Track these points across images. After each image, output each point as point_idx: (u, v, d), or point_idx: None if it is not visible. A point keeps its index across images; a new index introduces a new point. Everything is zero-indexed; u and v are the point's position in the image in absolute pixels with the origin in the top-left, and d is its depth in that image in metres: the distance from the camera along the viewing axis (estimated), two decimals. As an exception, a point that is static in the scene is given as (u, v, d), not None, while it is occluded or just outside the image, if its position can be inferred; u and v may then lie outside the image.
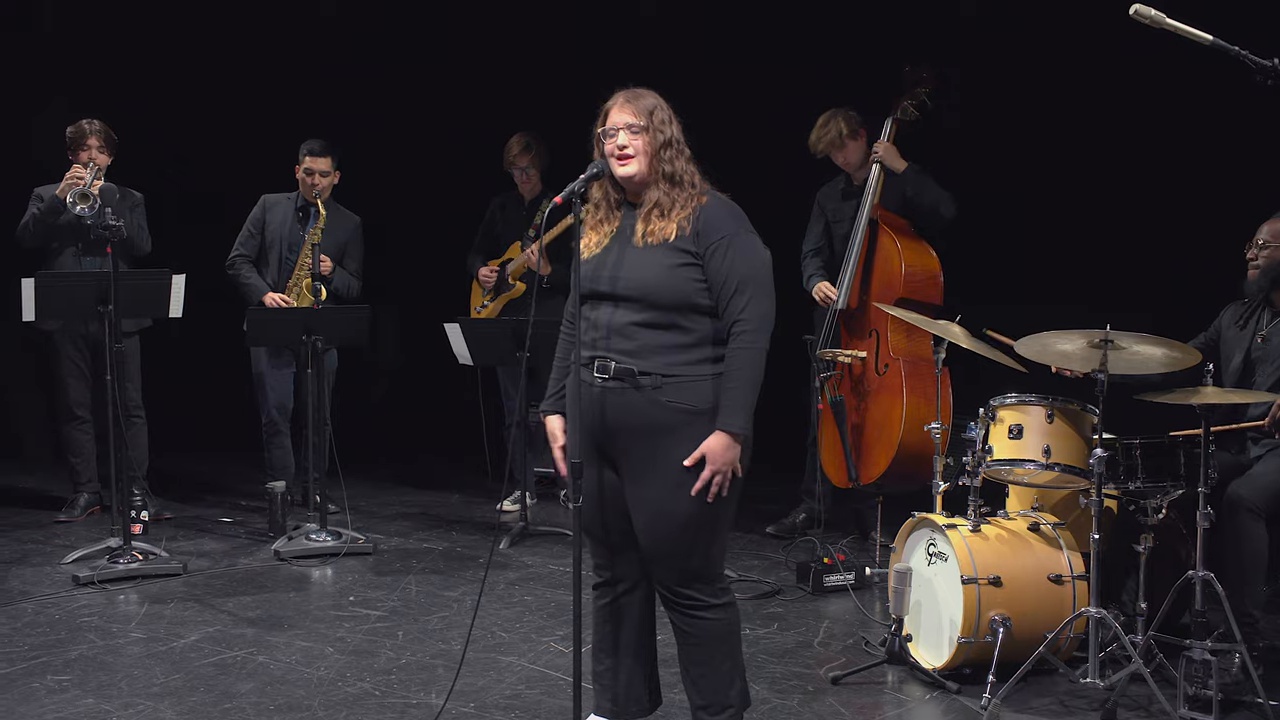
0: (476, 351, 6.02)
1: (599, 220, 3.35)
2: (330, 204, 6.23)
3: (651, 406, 3.19)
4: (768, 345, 3.22)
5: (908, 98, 5.59)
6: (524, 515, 6.08)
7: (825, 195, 5.92)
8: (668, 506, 3.21)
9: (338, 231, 6.26)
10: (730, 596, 3.36)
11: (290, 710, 3.91)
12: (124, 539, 5.36)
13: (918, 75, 5.58)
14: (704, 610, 3.29)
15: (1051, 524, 4.33)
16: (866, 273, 5.58)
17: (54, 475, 6.84)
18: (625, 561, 3.38)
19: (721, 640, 3.33)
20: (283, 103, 7.57)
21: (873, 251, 5.57)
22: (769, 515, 6.08)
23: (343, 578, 5.39)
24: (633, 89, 3.30)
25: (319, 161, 6.14)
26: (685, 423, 3.18)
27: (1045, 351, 4.16)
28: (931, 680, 4.16)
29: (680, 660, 3.40)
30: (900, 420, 5.31)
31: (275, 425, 6.33)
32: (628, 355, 3.21)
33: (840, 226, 5.80)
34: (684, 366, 3.20)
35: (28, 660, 4.33)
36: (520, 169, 6.43)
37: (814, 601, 5.06)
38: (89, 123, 5.98)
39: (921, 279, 5.48)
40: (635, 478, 3.25)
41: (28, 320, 5.60)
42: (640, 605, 3.44)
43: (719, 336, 3.23)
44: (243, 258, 6.26)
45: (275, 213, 6.27)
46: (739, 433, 3.18)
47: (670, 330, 3.20)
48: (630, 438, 3.23)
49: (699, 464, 3.17)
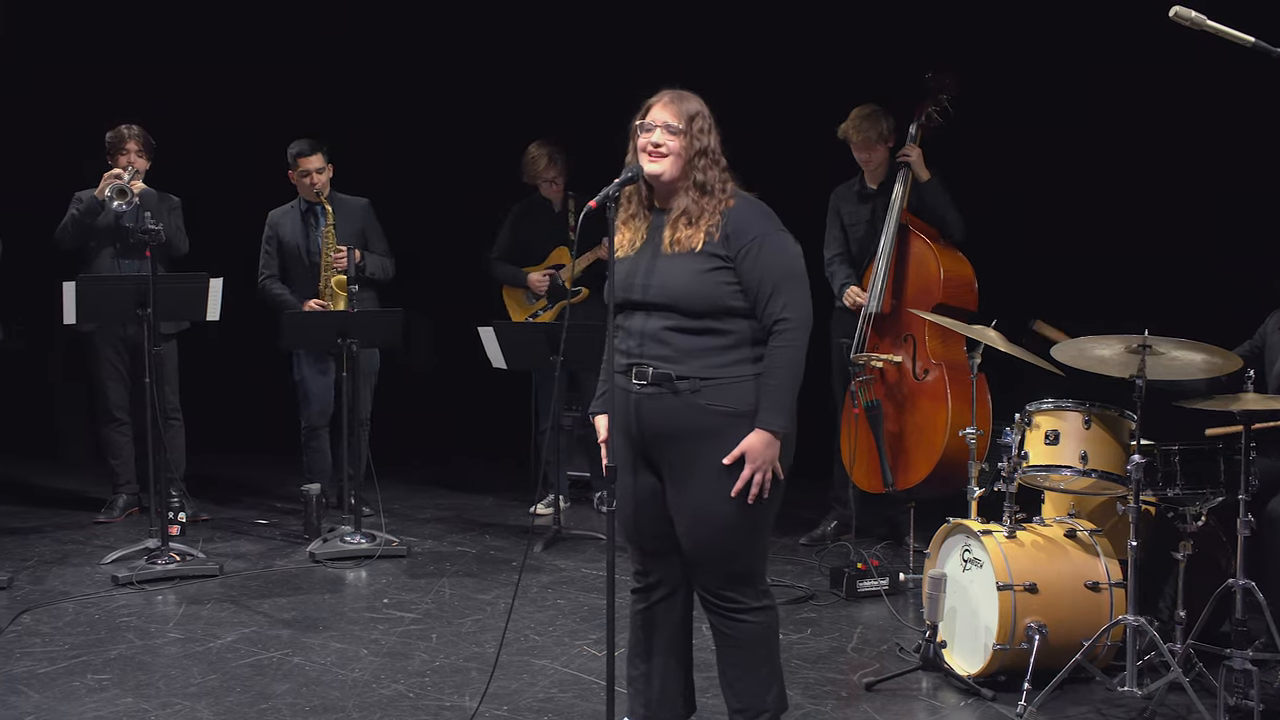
0: (510, 355, 6.03)
1: (629, 216, 3.34)
2: (334, 196, 6.22)
3: (691, 410, 3.19)
4: (807, 344, 3.21)
5: (931, 104, 5.57)
6: (557, 519, 6.09)
7: (840, 197, 5.87)
8: (710, 509, 3.20)
9: (351, 220, 6.26)
10: (771, 600, 3.36)
11: (325, 711, 3.93)
12: (162, 540, 5.41)
13: (940, 81, 5.56)
14: (745, 613, 3.29)
15: (1088, 530, 4.29)
16: (899, 277, 5.56)
17: (93, 477, 6.90)
18: (663, 567, 3.38)
19: (761, 643, 3.32)
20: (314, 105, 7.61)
21: (904, 256, 5.54)
22: (801, 521, 6.06)
23: (377, 580, 5.41)
24: (679, 90, 3.30)
25: (311, 160, 6.14)
26: (726, 425, 3.17)
27: (1082, 356, 4.13)
28: (966, 687, 4.14)
29: (719, 664, 3.40)
30: (945, 426, 5.27)
31: (315, 430, 6.37)
32: (664, 360, 3.21)
33: (856, 229, 5.77)
34: (722, 369, 3.19)
35: (68, 659, 4.38)
36: (548, 180, 6.43)
37: (847, 607, 5.04)
38: (127, 127, 6.04)
39: (959, 285, 5.46)
40: (677, 482, 3.25)
41: (68, 323, 5.66)
42: (677, 610, 3.43)
43: (757, 337, 3.22)
44: (270, 277, 6.30)
45: (284, 225, 6.28)
46: (779, 431, 3.17)
47: (706, 334, 3.20)
48: (671, 443, 3.23)
49: (738, 466, 3.16)
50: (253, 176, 7.34)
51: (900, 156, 5.56)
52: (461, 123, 7.83)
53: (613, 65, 6.95)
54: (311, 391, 6.32)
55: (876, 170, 5.71)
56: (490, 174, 7.20)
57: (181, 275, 5.84)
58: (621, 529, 3.36)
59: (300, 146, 6.16)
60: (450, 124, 7.87)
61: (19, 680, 4.17)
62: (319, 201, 6.16)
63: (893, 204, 5.55)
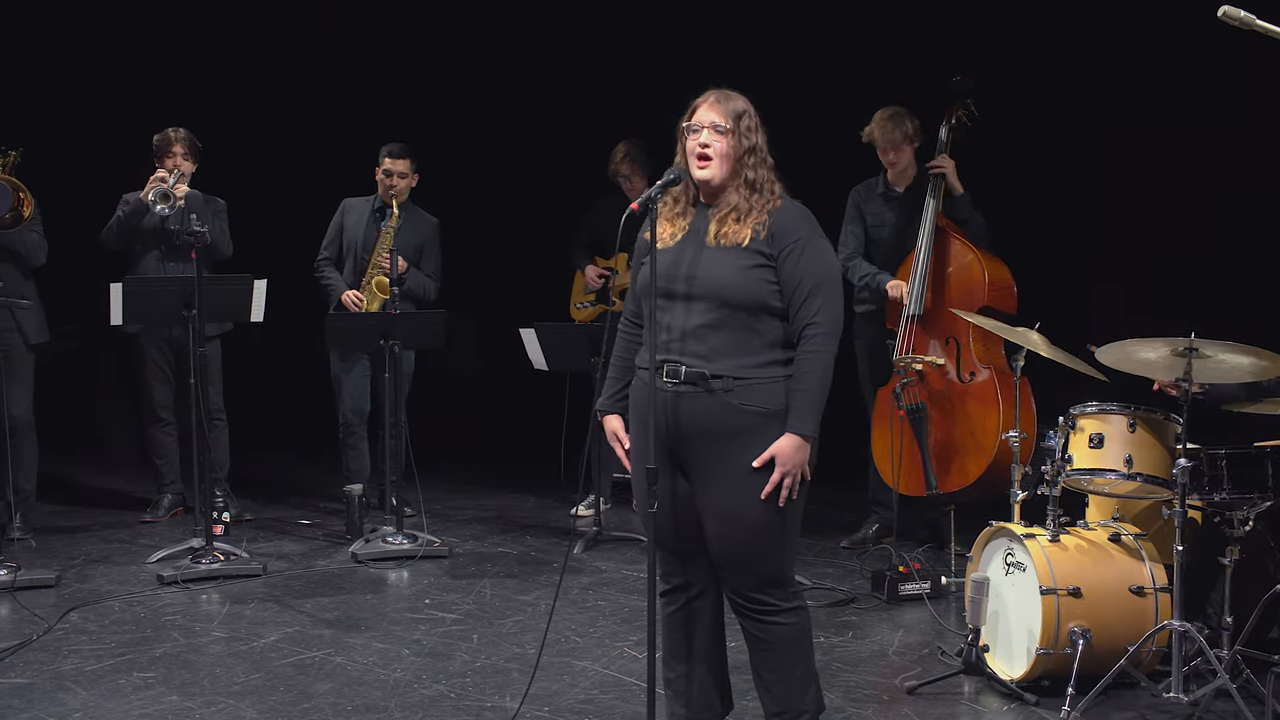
0: (552, 357, 6.05)
1: (675, 213, 3.34)
2: (408, 205, 6.30)
3: (723, 410, 3.19)
4: (837, 350, 3.22)
5: (959, 107, 5.53)
6: (598, 520, 6.10)
7: (861, 197, 5.80)
8: (738, 511, 3.20)
9: (415, 233, 6.33)
10: (801, 601, 3.35)
11: (368, 711, 3.96)
12: (206, 540, 5.46)
13: (967, 84, 5.52)
14: (775, 615, 3.28)
15: (1133, 535, 4.25)
16: (938, 280, 5.52)
17: (139, 476, 6.98)
18: (696, 567, 3.38)
19: (794, 645, 3.32)
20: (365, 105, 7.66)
21: (943, 259, 5.51)
22: (842, 524, 6.04)
23: (419, 580, 5.44)
24: (724, 90, 3.30)
25: (398, 163, 6.22)
26: (756, 425, 3.17)
27: (1127, 359, 4.09)
28: (1009, 691, 4.11)
29: (753, 667, 3.39)
30: (996, 429, 5.23)
31: (351, 428, 6.42)
32: (699, 359, 3.21)
33: (880, 231, 5.73)
34: (755, 369, 3.19)
35: (115, 657, 4.43)
36: (624, 176, 6.42)
37: (889, 610, 5.02)
38: (174, 130, 6.11)
39: (1001, 288, 5.43)
40: (705, 482, 3.25)
41: (115, 324, 5.73)
42: (711, 610, 3.43)
43: (788, 340, 3.22)
44: (325, 260, 6.39)
45: (353, 215, 6.37)
46: (809, 435, 3.17)
47: (741, 332, 3.20)
48: (701, 442, 3.22)
49: (768, 468, 3.16)
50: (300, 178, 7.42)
51: (932, 169, 5.51)
52: (511, 129, 7.85)
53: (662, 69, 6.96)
54: (345, 388, 6.37)
55: (904, 171, 5.67)
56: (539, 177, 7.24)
57: (226, 277, 5.90)
58: (658, 526, 3.36)
59: (391, 148, 6.25)
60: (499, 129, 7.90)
61: (66, 677, 4.23)
62: (391, 204, 6.21)
63: (927, 207, 5.51)
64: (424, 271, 6.36)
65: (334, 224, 6.41)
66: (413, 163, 6.26)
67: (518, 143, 7.81)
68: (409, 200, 6.31)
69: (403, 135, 6.38)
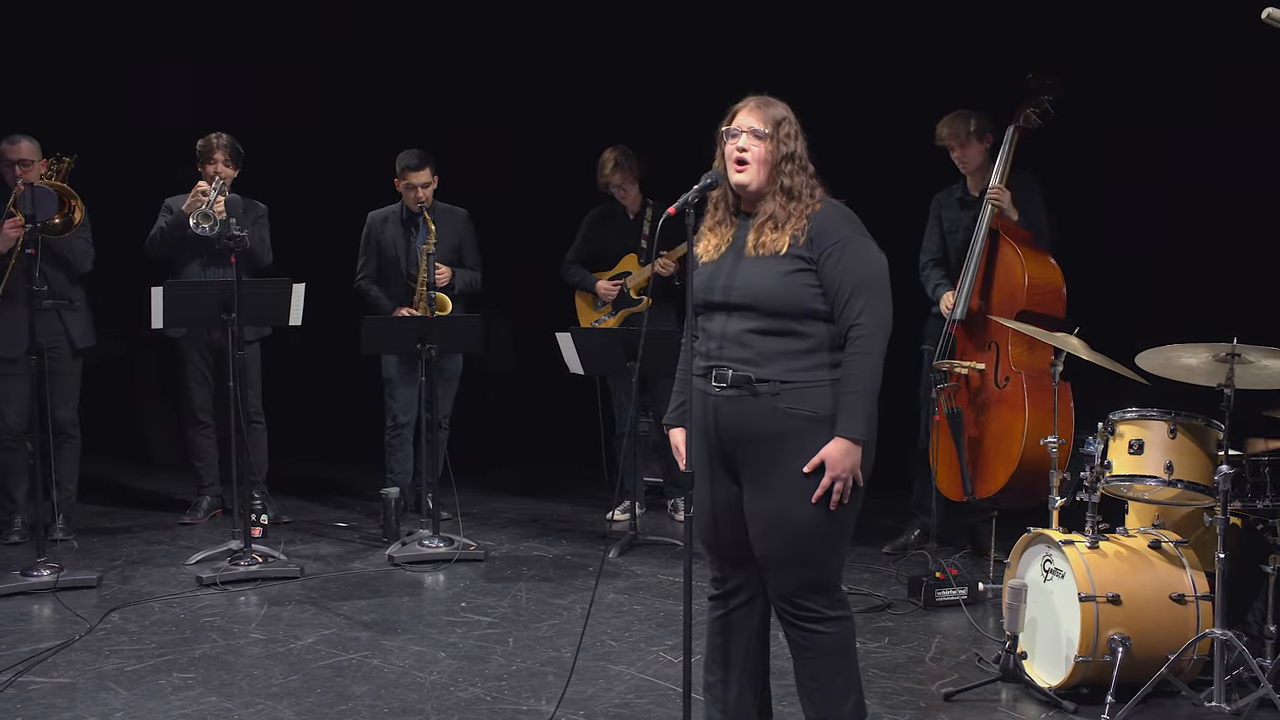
0: (588, 360, 6.06)
1: (717, 222, 3.34)
2: (436, 206, 6.31)
3: (770, 414, 3.18)
4: (885, 350, 3.19)
5: (1031, 105, 5.49)
6: (633, 525, 6.10)
7: (941, 203, 5.84)
8: (786, 515, 3.19)
9: (450, 233, 6.35)
10: (847, 609, 3.33)
11: (404, 714, 3.98)
12: (244, 542, 5.50)
13: (1041, 82, 5.48)
14: (820, 623, 3.26)
15: (1174, 542, 4.21)
16: (986, 284, 5.49)
17: (178, 479, 7.04)
18: (745, 574, 3.36)
19: (837, 654, 3.30)
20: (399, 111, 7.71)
21: (993, 262, 5.47)
22: (881, 529, 6.01)
23: (454, 584, 5.46)
24: (765, 96, 3.29)
25: (419, 175, 6.21)
26: (804, 430, 3.16)
27: (1168, 365, 4.06)
28: (1047, 699, 4.08)
29: (795, 674, 3.37)
30: (1022, 434, 5.20)
31: (399, 429, 6.45)
32: (744, 363, 3.20)
33: (955, 236, 5.72)
34: (801, 372, 3.18)
35: (155, 657, 4.47)
36: (616, 185, 6.46)
37: (926, 616, 4.99)
38: (216, 136, 6.16)
39: (1045, 291, 5.38)
40: (754, 486, 3.24)
41: (155, 328, 5.79)
42: (755, 619, 3.42)
43: (835, 342, 3.20)
44: (366, 279, 6.41)
45: (385, 231, 6.37)
46: (859, 439, 3.15)
47: (786, 336, 3.19)
48: (749, 446, 3.22)
49: (818, 472, 3.15)
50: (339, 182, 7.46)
51: (990, 198, 5.46)
52: (545, 127, 7.87)
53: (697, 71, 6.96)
54: (398, 391, 6.40)
55: (976, 174, 5.65)
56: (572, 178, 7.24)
57: (265, 281, 5.94)
58: (699, 535, 3.36)
59: (409, 160, 6.22)
60: (533, 128, 7.92)
61: (108, 677, 4.27)
62: (422, 215, 6.23)
63: (983, 212, 5.49)
64: (466, 265, 6.38)
65: (366, 242, 6.40)
66: (432, 168, 6.25)
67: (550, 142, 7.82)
68: (435, 200, 6.32)
69: (440, 139, 6.40)
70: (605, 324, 6.58)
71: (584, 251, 6.66)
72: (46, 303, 5.64)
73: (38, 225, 5.32)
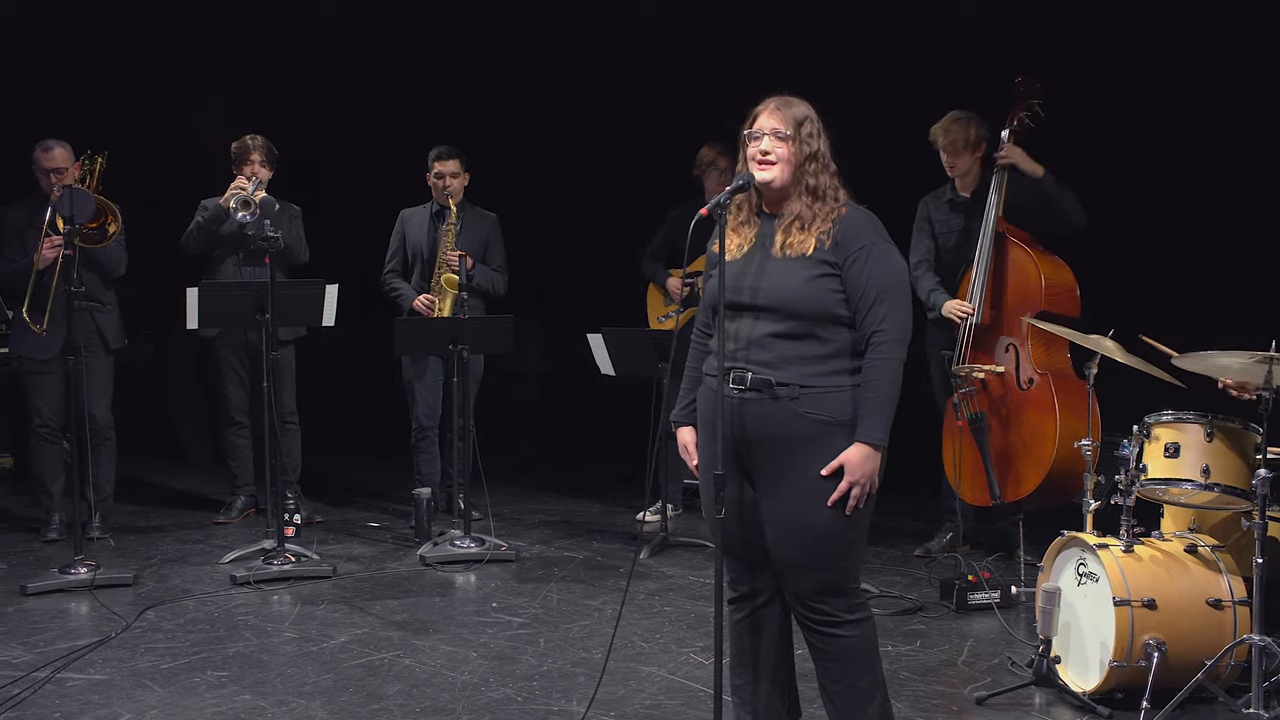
0: (619, 362, 6.06)
1: (740, 223, 3.34)
2: (465, 205, 6.35)
3: (789, 418, 3.17)
4: (905, 356, 3.19)
5: (1022, 109, 5.46)
6: (664, 526, 6.10)
7: (930, 205, 5.78)
8: (802, 519, 3.18)
9: (477, 231, 6.38)
10: (866, 612, 3.31)
11: (435, 713, 3.99)
12: (278, 541, 5.54)
13: (1031, 86, 5.45)
14: (838, 627, 3.25)
15: (1210, 546, 4.17)
16: (997, 286, 5.46)
17: (213, 478, 7.10)
18: (764, 575, 3.36)
19: (857, 657, 3.28)
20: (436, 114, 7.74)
21: (1002, 264, 5.44)
22: (912, 533, 5.98)
23: (486, 584, 5.48)
24: (785, 96, 3.28)
25: (448, 164, 6.27)
26: (822, 434, 3.16)
27: (1203, 364, 4.02)
28: (1081, 704, 4.05)
29: (818, 678, 3.36)
30: (1054, 436, 5.16)
31: (424, 432, 6.48)
32: (764, 366, 3.20)
33: (948, 239, 5.68)
34: (821, 377, 3.17)
35: (190, 655, 4.50)
36: (720, 170, 6.28)
37: (957, 620, 4.97)
38: (252, 138, 6.22)
39: (1060, 291, 5.35)
40: (770, 490, 3.23)
41: (191, 328, 5.83)
42: (778, 618, 3.41)
43: (856, 348, 3.20)
44: (393, 273, 6.46)
45: (413, 224, 6.44)
46: (879, 444, 3.14)
47: (807, 340, 3.18)
48: (767, 449, 3.21)
49: (835, 476, 3.14)
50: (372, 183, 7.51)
51: (1000, 159, 5.44)
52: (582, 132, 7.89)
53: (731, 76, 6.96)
54: (418, 392, 6.43)
55: (967, 178, 5.63)
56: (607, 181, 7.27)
57: (298, 281, 5.98)
58: (725, 534, 3.35)
59: (439, 150, 6.32)
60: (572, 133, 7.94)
61: (144, 675, 4.31)
62: (448, 205, 6.27)
63: (988, 212, 5.46)
64: (490, 266, 6.41)
65: (395, 235, 6.48)
66: (462, 162, 6.31)
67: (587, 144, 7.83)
68: (465, 200, 6.36)
69: (478, 140, 6.43)
70: (669, 322, 6.59)
71: (661, 246, 6.63)
72: (80, 304, 5.70)
73: (76, 227, 5.37)
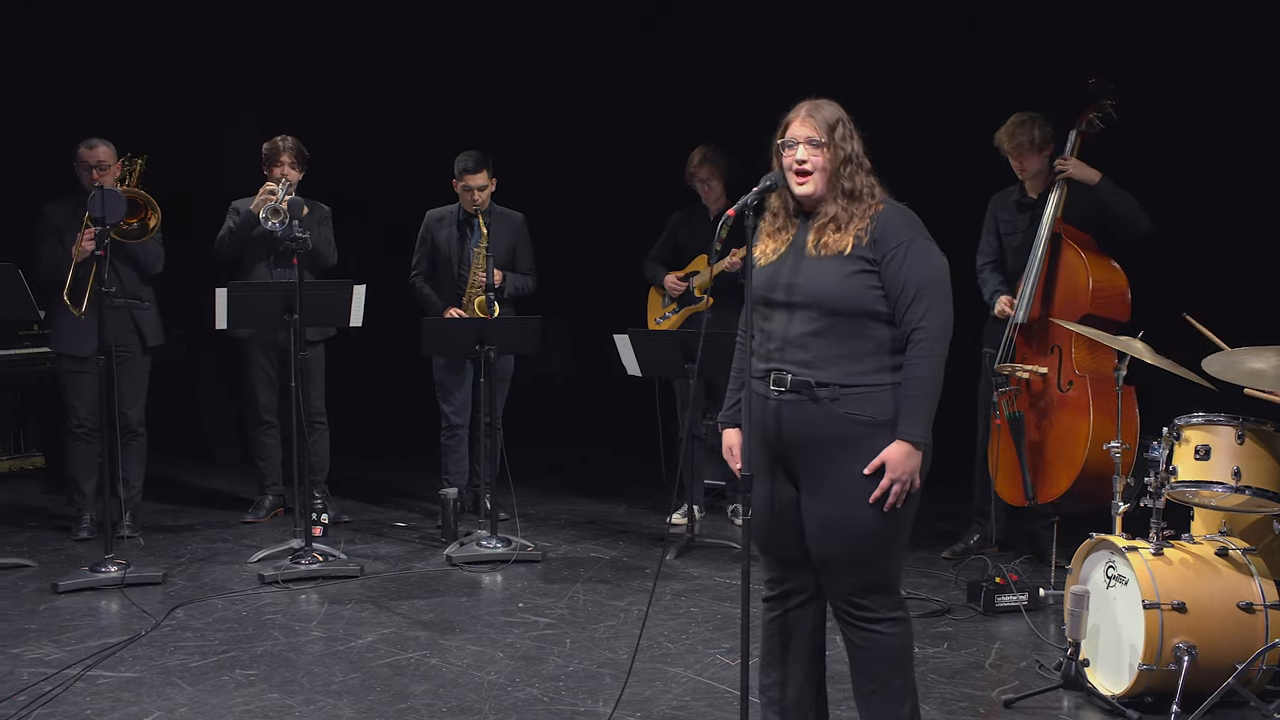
0: (645, 363, 6.06)
1: (776, 229, 3.33)
2: (492, 209, 6.34)
3: (830, 419, 3.17)
4: (946, 353, 3.17)
5: (1094, 110, 5.42)
6: (691, 527, 6.10)
7: (998, 205, 5.77)
8: (846, 519, 3.17)
9: (505, 234, 6.38)
10: (905, 611, 3.31)
11: (462, 713, 4.00)
12: (305, 540, 5.57)
13: (1104, 87, 5.41)
14: (878, 624, 3.25)
15: (1241, 549, 4.13)
16: (1049, 287, 5.43)
17: (241, 477, 7.13)
18: (799, 575, 3.35)
19: (896, 657, 3.28)
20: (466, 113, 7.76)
21: (1055, 266, 5.41)
22: (940, 534, 5.96)
23: (512, 584, 5.49)
24: (815, 100, 3.27)
25: (475, 178, 6.23)
26: (864, 435, 3.15)
27: (1233, 369, 3.99)
28: (1110, 708, 4.02)
29: (852, 677, 3.36)
30: (1086, 439, 5.14)
31: (453, 431, 6.50)
32: (803, 366, 3.19)
33: (1013, 239, 5.66)
34: (861, 376, 3.16)
35: (218, 654, 4.53)
36: (701, 180, 6.42)
37: (985, 622, 4.94)
38: (282, 139, 6.25)
39: (1109, 295, 5.31)
40: (813, 490, 3.23)
41: (220, 329, 5.87)
42: (811, 620, 3.40)
43: (896, 345, 3.19)
44: (420, 276, 6.46)
45: (440, 230, 6.42)
46: (920, 442, 3.13)
47: (846, 339, 3.17)
48: (808, 451, 3.21)
49: (877, 474, 3.14)
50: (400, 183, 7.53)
51: (1057, 167, 5.42)
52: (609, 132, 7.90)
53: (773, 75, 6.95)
54: (449, 392, 6.45)
55: (1035, 179, 5.59)
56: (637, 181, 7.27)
57: (326, 283, 6.00)
58: (756, 537, 3.35)
59: (466, 163, 6.24)
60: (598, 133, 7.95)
61: (173, 673, 4.34)
62: (477, 217, 6.27)
63: (1046, 213, 5.43)
64: (519, 270, 6.42)
65: (421, 240, 6.46)
66: (489, 171, 6.27)
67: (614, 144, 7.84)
68: (491, 203, 6.35)
69: (504, 141, 6.43)
70: (666, 322, 6.58)
71: (665, 251, 6.66)
72: (118, 301, 5.75)
73: (107, 228, 5.42)
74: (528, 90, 8.01)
